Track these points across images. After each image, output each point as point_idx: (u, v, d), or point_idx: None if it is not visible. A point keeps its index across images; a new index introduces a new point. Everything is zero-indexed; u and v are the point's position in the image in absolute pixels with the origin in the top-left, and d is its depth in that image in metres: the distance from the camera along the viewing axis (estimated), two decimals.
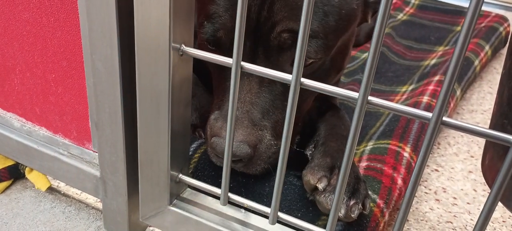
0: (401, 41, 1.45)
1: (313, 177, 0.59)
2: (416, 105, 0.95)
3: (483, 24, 1.46)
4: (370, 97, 0.39)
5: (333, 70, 0.67)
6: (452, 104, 1.05)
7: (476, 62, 1.24)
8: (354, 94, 0.40)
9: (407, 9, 1.67)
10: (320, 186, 0.57)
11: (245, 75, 0.61)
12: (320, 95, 0.68)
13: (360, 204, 0.57)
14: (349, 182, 0.58)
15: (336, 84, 0.80)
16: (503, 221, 0.79)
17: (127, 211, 0.63)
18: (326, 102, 0.80)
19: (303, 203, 0.62)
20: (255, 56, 0.61)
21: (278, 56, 0.61)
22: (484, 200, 0.84)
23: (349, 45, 0.69)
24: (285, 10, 0.59)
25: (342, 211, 0.56)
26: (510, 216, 0.80)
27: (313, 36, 0.59)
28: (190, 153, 0.69)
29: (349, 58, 0.72)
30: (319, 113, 0.78)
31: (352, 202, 0.56)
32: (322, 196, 0.57)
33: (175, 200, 0.60)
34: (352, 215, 0.56)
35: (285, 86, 0.63)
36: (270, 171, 0.64)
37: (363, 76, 0.38)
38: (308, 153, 0.67)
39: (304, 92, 0.64)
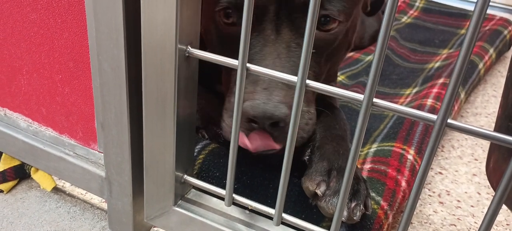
0: (405, 44, 1.45)
1: (311, 183, 0.59)
2: (420, 108, 0.95)
3: (487, 27, 1.46)
4: (375, 99, 0.40)
5: (345, 44, 0.69)
6: (456, 107, 1.05)
7: (481, 66, 1.24)
8: (359, 96, 0.40)
9: (411, 12, 1.68)
10: (319, 191, 0.58)
11: (271, 41, 0.60)
12: (318, 95, 0.69)
13: (361, 205, 0.56)
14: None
15: (336, 68, 0.84)
16: (507, 224, 0.79)
17: (132, 211, 0.64)
18: (323, 102, 0.80)
19: (307, 204, 0.62)
20: (279, 21, 0.60)
21: (304, 17, 0.60)
22: (487, 203, 0.84)
23: (358, 22, 0.71)
24: None
25: (344, 214, 0.55)
26: None
27: None
28: (195, 154, 0.69)
29: (354, 38, 0.75)
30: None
31: (353, 204, 0.56)
32: (323, 201, 0.57)
33: (180, 201, 0.60)
34: (354, 218, 0.56)
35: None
36: (305, 141, 0.61)
37: (369, 79, 0.38)
38: (306, 158, 0.67)
39: (329, 49, 0.66)
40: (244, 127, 0.58)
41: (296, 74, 0.58)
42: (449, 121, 0.37)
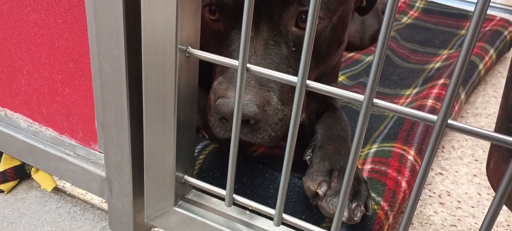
0: (405, 45, 1.45)
1: (312, 183, 0.59)
2: (420, 108, 0.95)
3: (487, 28, 1.46)
4: (375, 100, 0.40)
5: (334, 41, 0.68)
6: (456, 108, 1.05)
7: (481, 66, 1.24)
8: (360, 97, 0.40)
9: (411, 12, 1.68)
10: (320, 191, 0.58)
11: (249, 38, 0.61)
12: (319, 96, 0.69)
13: (362, 206, 0.56)
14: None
15: (338, 65, 0.83)
16: (508, 225, 0.79)
17: (132, 211, 0.64)
18: (325, 103, 0.80)
19: (308, 204, 0.62)
20: (258, 18, 0.61)
21: (282, 13, 0.61)
22: (488, 203, 0.84)
23: (349, 19, 0.71)
24: None
25: (345, 215, 0.56)
26: None
27: None
28: (195, 154, 0.69)
29: (347, 35, 0.74)
30: (317, 115, 0.78)
31: (354, 205, 0.56)
32: (324, 201, 0.57)
33: (180, 201, 0.60)
34: (355, 218, 0.56)
35: (290, 50, 0.62)
36: (278, 139, 0.60)
37: (369, 79, 0.38)
38: (307, 158, 0.67)
39: (322, 46, 0.66)
40: (218, 123, 0.60)
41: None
42: (449, 121, 0.37)
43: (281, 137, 0.60)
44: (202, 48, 0.50)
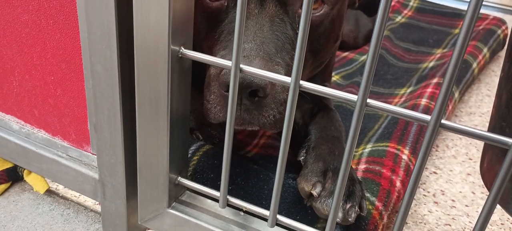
0: (399, 44, 1.45)
1: (307, 184, 0.58)
2: (414, 108, 0.96)
3: (481, 27, 1.47)
4: (369, 100, 0.39)
5: (332, 35, 0.69)
6: (450, 107, 1.05)
7: (474, 65, 1.25)
8: (353, 97, 0.40)
9: (405, 11, 1.68)
10: (315, 192, 0.57)
11: (254, 14, 0.59)
12: (313, 96, 0.69)
13: (356, 207, 0.56)
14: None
15: (331, 64, 0.84)
16: (502, 224, 0.80)
17: (125, 213, 0.63)
18: (318, 103, 0.80)
19: (302, 205, 0.62)
20: None
21: None
22: (482, 202, 0.84)
23: (344, 16, 0.72)
24: None
25: (339, 215, 0.55)
26: (508, 218, 0.81)
27: None
28: (189, 155, 0.69)
29: (341, 34, 0.74)
30: (311, 116, 0.78)
31: (348, 206, 0.56)
32: (318, 202, 0.57)
33: (174, 203, 0.60)
34: (349, 219, 0.56)
35: (295, 32, 0.61)
36: (280, 125, 0.57)
37: (362, 79, 0.38)
38: (301, 158, 0.67)
39: (321, 35, 0.66)
40: (220, 100, 0.56)
41: (278, 48, 0.58)
42: (443, 121, 0.37)
43: (282, 123, 0.60)
44: (195, 37, 0.48)
